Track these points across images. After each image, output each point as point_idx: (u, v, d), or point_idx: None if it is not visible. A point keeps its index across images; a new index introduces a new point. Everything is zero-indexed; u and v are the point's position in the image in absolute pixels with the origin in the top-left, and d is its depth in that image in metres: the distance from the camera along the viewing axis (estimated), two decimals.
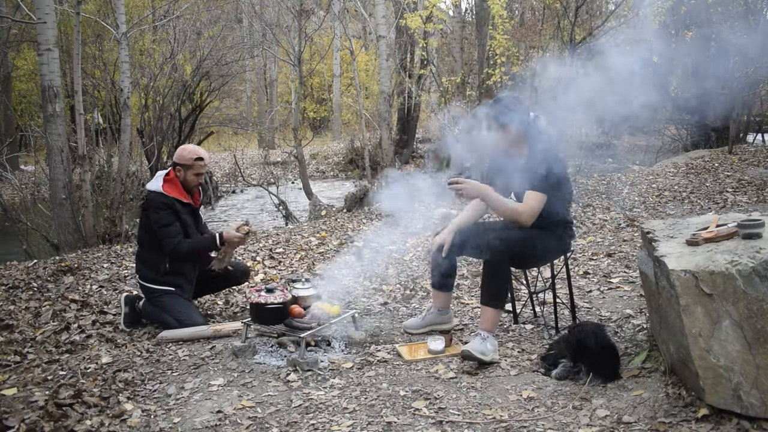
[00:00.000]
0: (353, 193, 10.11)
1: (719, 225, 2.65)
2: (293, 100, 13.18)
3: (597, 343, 2.80)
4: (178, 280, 3.89)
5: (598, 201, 7.46)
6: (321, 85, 26.13)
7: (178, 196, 3.86)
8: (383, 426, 2.53)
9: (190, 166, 3.88)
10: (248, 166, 15.99)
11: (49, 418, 2.63)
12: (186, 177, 3.90)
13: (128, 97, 7.91)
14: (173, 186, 3.88)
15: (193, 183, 3.93)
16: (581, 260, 5.02)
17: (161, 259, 3.84)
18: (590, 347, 2.78)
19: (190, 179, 3.91)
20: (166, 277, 3.86)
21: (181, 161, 3.88)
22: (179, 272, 3.88)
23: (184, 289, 3.91)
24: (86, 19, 11.22)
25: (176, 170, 3.90)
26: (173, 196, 3.84)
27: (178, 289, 3.88)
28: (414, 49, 14.40)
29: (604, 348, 2.82)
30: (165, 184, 3.86)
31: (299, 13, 11.23)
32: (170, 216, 3.80)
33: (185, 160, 3.87)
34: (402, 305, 4.24)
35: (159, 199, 3.81)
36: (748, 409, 2.23)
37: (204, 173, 3.97)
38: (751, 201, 6.77)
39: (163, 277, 3.85)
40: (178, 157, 3.89)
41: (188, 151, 3.89)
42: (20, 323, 3.98)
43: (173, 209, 3.81)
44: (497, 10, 9.78)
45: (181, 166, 3.88)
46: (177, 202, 3.84)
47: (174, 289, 3.87)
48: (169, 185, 3.87)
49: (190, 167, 3.88)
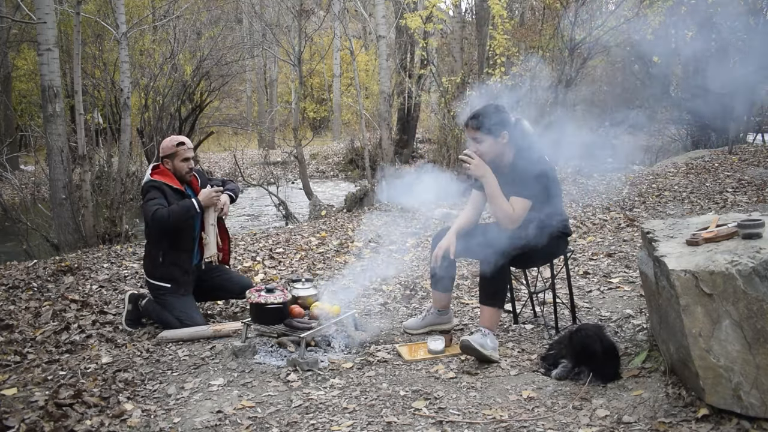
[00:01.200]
0: (353, 193, 10.12)
1: (719, 225, 2.65)
2: (293, 100, 13.18)
3: (601, 347, 2.79)
4: (174, 272, 3.87)
5: (598, 201, 7.46)
6: (321, 85, 26.13)
7: (169, 182, 3.87)
8: (383, 426, 2.53)
9: (174, 153, 3.89)
10: (248, 166, 15.98)
11: (49, 418, 2.63)
12: (175, 166, 3.91)
13: (128, 97, 7.91)
14: (162, 174, 3.90)
15: (184, 170, 3.93)
16: (581, 260, 5.02)
17: (158, 251, 3.85)
18: (594, 351, 2.78)
19: (179, 166, 3.91)
20: (162, 269, 3.85)
21: (164, 152, 3.91)
22: (175, 263, 3.86)
23: (180, 283, 3.87)
24: (86, 19, 11.22)
25: (164, 163, 3.94)
26: (162, 180, 3.85)
27: (174, 284, 3.86)
28: (414, 49, 14.42)
29: (606, 350, 2.82)
30: (153, 173, 3.90)
31: (299, 13, 11.24)
32: (156, 193, 3.80)
33: (168, 149, 3.90)
34: (402, 305, 4.24)
35: (147, 185, 3.85)
36: (748, 409, 2.23)
37: (191, 157, 3.96)
38: (751, 201, 6.77)
39: (160, 270, 3.85)
40: (162, 149, 3.93)
41: (168, 140, 3.93)
42: (20, 323, 3.98)
43: (160, 190, 3.82)
44: (497, 10, 9.78)
45: (167, 157, 3.91)
46: (166, 186, 3.85)
47: (170, 285, 3.86)
48: (158, 173, 3.90)
49: (174, 155, 3.90)
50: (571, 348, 2.86)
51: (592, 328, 2.93)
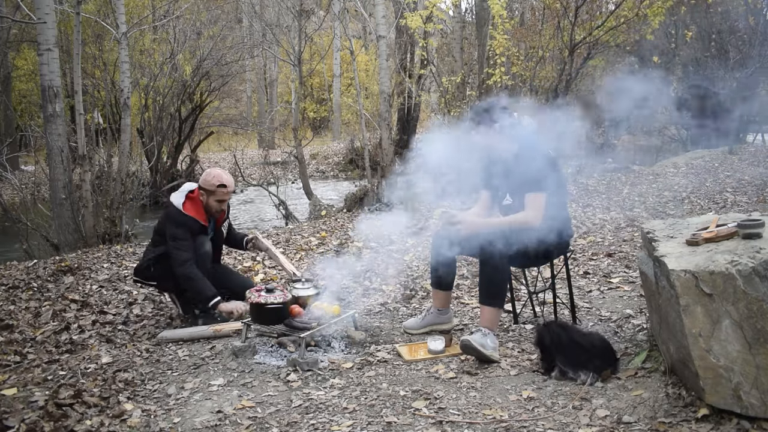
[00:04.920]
0: (353, 193, 10.12)
1: (719, 225, 2.65)
2: (293, 100, 13.17)
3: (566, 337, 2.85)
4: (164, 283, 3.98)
5: (598, 201, 7.46)
6: (321, 85, 26.12)
7: (196, 217, 3.81)
8: (383, 426, 2.53)
9: (212, 192, 3.82)
10: (248, 166, 15.98)
11: (49, 418, 2.62)
12: (208, 201, 3.85)
13: (128, 97, 7.90)
14: (194, 205, 3.84)
15: (215, 209, 3.88)
16: (581, 260, 5.01)
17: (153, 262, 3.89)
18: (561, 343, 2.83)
19: (212, 204, 3.85)
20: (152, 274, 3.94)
21: (204, 185, 3.83)
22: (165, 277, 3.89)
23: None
24: (86, 19, 11.20)
25: (200, 192, 3.86)
26: (191, 215, 3.80)
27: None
28: (414, 49, 14.40)
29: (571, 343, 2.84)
30: (187, 202, 3.82)
31: (299, 13, 11.23)
32: (185, 233, 3.76)
33: (208, 185, 3.81)
34: (402, 305, 4.24)
35: (176, 216, 3.78)
36: (748, 409, 2.23)
37: (227, 200, 3.90)
38: (751, 201, 6.77)
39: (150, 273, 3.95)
40: (202, 180, 3.85)
41: (212, 176, 3.82)
42: (20, 323, 3.98)
43: (188, 228, 3.78)
44: (497, 10, 9.78)
45: (204, 190, 3.84)
46: (193, 222, 3.80)
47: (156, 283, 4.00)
48: (191, 204, 3.83)
49: (212, 193, 3.82)
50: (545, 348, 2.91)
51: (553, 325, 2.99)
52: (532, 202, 3.20)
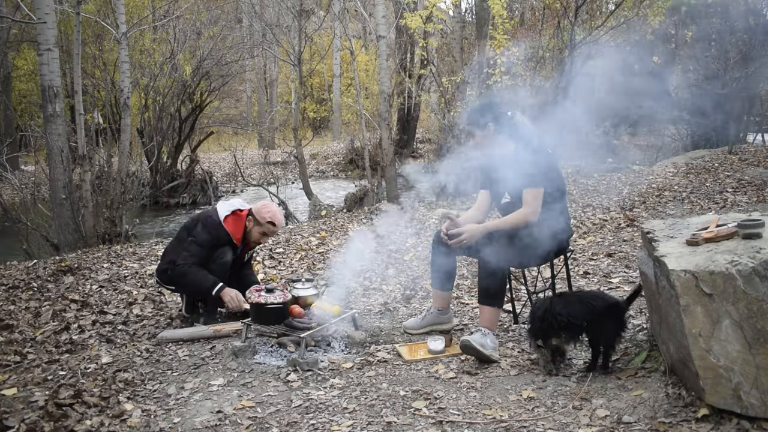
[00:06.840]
0: (353, 193, 10.12)
1: (719, 225, 2.65)
2: (293, 100, 13.17)
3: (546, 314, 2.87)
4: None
5: (598, 201, 7.46)
6: (321, 85, 26.12)
7: (232, 233, 3.81)
8: (383, 426, 2.53)
9: (261, 224, 3.84)
10: (248, 166, 15.99)
11: (49, 418, 2.62)
12: (252, 229, 3.86)
13: (128, 97, 7.91)
14: (236, 223, 3.83)
15: (254, 239, 3.89)
16: (581, 260, 5.01)
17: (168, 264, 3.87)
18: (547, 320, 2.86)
19: (254, 234, 3.87)
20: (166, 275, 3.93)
21: (256, 214, 3.84)
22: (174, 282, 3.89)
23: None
24: (86, 19, 11.20)
25: (249, 217, 3.86)
26: (227, 230, 3.79)
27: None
28: (414, 49, 14.42)
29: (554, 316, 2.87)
30: (230, 216, 3.82)
31: (299, 13, 11.23)
32: (208, 243, 3.75)
33: (260, 216, 3.83)
34: (402, 305, 4.24)
35: (212, 225, 3.78)
36: (748, 409, 2.23)
37: (270, 238, 3.89)
38: (751, 201, 6.77)
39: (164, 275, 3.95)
40: (257, 209, 3.86)
41: (268, 210, 3.84)
42: (20, 323, 3.98)
43: (218, 239, 3.77)
44: (497, 10, 9.78)
45: (254, 218, 3.84)
46: (226, 236, 3.79)
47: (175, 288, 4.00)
48: (233, 219, 3.83)
49: (260, 224, 3.84)
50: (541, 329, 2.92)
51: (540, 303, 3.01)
52: (529, 197, 3.20)
